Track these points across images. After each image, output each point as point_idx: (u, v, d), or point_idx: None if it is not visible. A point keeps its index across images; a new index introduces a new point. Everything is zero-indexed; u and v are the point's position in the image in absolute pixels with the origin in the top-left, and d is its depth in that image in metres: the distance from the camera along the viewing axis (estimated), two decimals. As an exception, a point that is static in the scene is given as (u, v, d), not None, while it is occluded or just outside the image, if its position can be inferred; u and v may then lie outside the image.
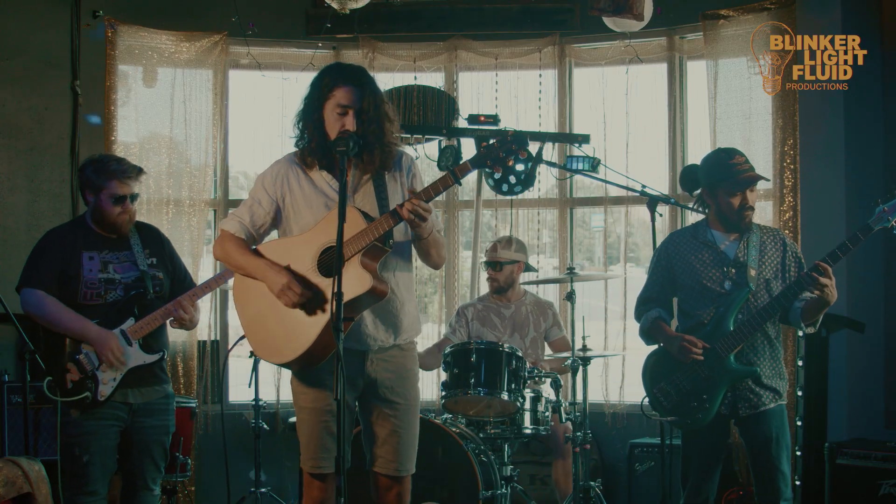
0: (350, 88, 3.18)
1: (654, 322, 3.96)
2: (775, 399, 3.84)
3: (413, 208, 3.05)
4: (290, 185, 3.30)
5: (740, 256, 3.85)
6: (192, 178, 6.05)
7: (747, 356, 3.80)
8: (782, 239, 3.94)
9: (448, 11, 6.23)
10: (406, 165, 3.37)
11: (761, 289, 3.82)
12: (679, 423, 3.88)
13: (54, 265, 3.83)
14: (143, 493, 3.95)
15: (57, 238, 3.93)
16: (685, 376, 3.84)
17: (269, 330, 3.25)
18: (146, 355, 3.86)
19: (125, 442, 3.88)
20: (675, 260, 3.96)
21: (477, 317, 5.44)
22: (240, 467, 5.71)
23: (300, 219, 3.29)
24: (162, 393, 3.96)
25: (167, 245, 4.10)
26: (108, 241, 3.93)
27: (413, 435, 3.38)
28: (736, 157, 3.87)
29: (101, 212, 3.89)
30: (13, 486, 3.60)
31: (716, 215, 3.93)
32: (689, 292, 3.92)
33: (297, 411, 3.35)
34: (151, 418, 3.92)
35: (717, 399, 3.77)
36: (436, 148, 5.97)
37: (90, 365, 3.78)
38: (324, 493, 3.29)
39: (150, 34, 6.01)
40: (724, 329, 3.77)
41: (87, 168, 3.93)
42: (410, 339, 3.41)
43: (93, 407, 3.78)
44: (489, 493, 4.52)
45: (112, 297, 3.85)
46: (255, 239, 3.35)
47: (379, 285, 3.12)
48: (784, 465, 3.80)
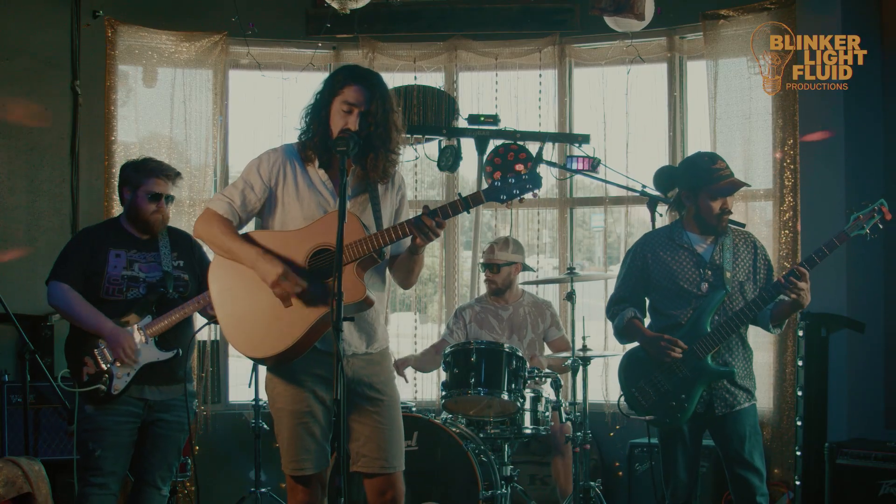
0: (359, 88, 3.17)
1: (630, 321, 4.02)
2: (748, 399, 3.93)
3: (434, 225, 3.07)
4: (286, 175, 3.26)
5: (716, 259, 3.93)
6: (192, 178, 6.05)
7: (723, 357, 3.89)
8: (753, 242, 4.03)
9: (448, 11, 6.23)
10: (399, 184, 3.40)
11: (736, 291, 3.92)
12: (657, 422, 3.95)
13: (81, 260, 3.94)
14: (150, 491, 3.97)
15: (88, 235, 4.07)
16: (664, 376, 3.90)
17: (247, 322, 3.18)
18: (160, 352, 3.90)
19: (141, 438, 3.95)
20: (650, 261, 4.01)
21: (475, 319, 5.44)
22: (240, 467, 5.71)
23: (287, 211, 3.25)
24: (180, 391, 4.01)
25: (197, 249, 4.17)
26: (138, 241, 4.03)
27: (398, 431, 3.35)
28: (718, 163, 3.96)
29: (137, 209, 4.00)
30: (13, 486, 3.61)
31: (693, 218, 3.99)
32: (664, 293, 3.97)
33: (275, 414, 3.31)
34: (168, 413, 3.98)
35: (694, 398, 3.85)
36: (436, 148, 5.97)
37: (105, 359, 3.86)
38: (308, 497, 3.26)
39: (150, 34, 6.01)
40: (700, 330, 3.85)
41: (128, 166, 4.10)
42: (381, 348, 3.40)
43: (107, 402, 3.84)
44: (489, 493, 4.52)
45: (133, 294, 3.94)
46: (241, 223, 3.29)
47: (370, 295, 3.12)
48: (758, 462, 3.88)
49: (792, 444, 5.15)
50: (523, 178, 3.09)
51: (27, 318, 5.17)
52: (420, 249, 3.21)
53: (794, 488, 4.95)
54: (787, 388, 5.39)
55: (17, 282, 5.42)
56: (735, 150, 5.61)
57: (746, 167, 5.59)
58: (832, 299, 5.04)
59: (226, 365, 6.20)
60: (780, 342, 5.40)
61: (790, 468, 5.23)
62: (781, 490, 5.26)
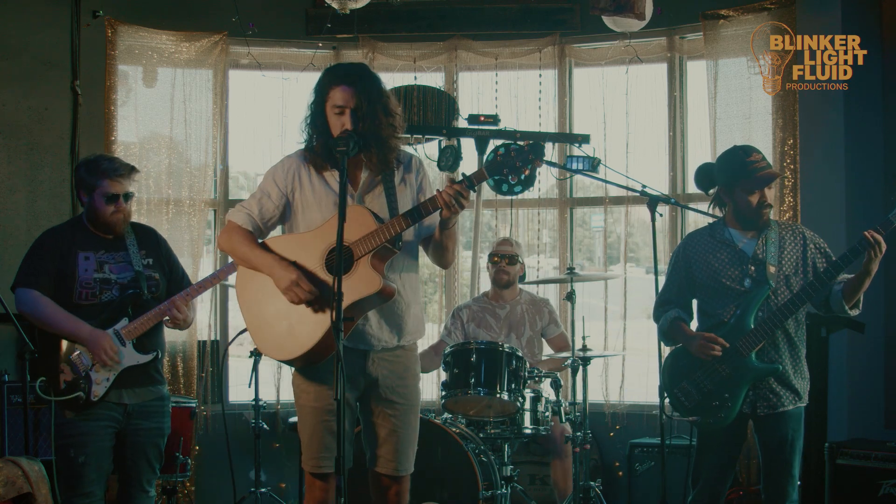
0: (343, 87, 3.21)
1: (674, 322, 3.93)
2: (794, 401, 3.80)
3: (455, 193, 3.06)
4: (301, 180, 3.31)
5: (759, 254, 3.82)
6: (192, 178, 6.05)
7: (769, 354, 3.78)
8: (801, 233, 3.89)
9: (448, 11, 6.23)
10: (416, 168, 3.40)
11: (781, 285, 3.80)
12: (701, 422, 3.85)
13: (50, 265, 3.82)
14: (139, 496, 3.93)
15: (53, 238, 3.91)
16: (706, 375, 3.82)
17: (272, 326, 3.25)
18: (139, 355, 3.84)
19: (120, 443, 3.87)
20: (693, 260, 3.93)
21: (472, 318, 5.44)
22: (240, 467, 5.71)
23: (308, 215, 3.30)
24: (157, 394, 3.94)
25: (164, 246, 4.09)
26: (104, 241, 3.92)
27: (413, 435, 3.38)
28: (753, 155, 3.83)
29: (95, 211, 3.88)
30: (13, 486, 3.60)
31: (734, 214, 3.89)
32: (709, 292, 3.89)
33: (298, 410, 3.35)
34: (147, 420, 3.89)
35: (739, 398, 3.75)
36: (436, 148, 5.97)
37: (83, 365, 3.77)
38: (325, 494, 3.30)
39: (150, 34, 6.00)
40: (744, 327, 3.75)
41: (80, 168, 3.94)
42: (414, 340, 3.42)
43: (86, 408, 3.76)
44: (489, 493, 4.52)
45: (107, 297, 3.84)
46: (262, 232, 3.35)
47: (388, 286, 3.14)
48: (795, 469, 3.79)
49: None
50: (525, 149, 3.07)
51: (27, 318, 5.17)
52: (450, 223, 3.20)
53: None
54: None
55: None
56: (735, 151, 5.60)
57: (746, 167, 5.59)
58: (832, 299, 5.03)
59: (226, 365, 6.20)
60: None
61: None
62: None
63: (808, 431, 4.80)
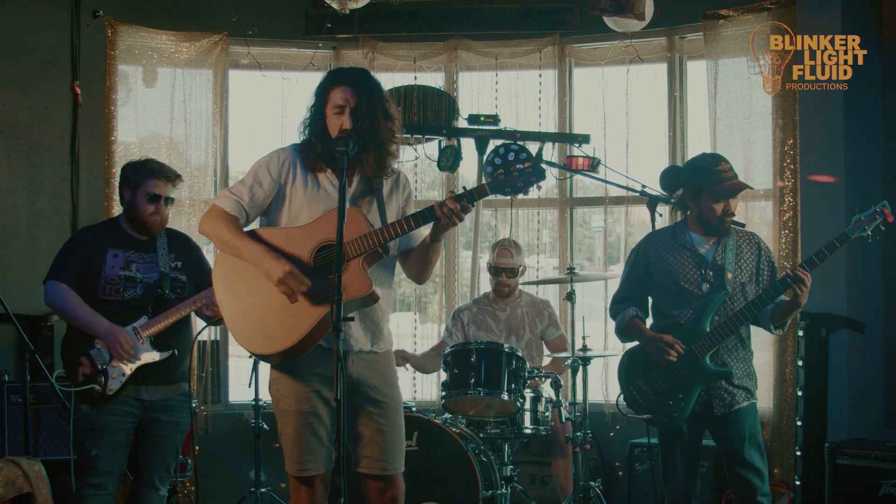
0: (344, 87, 3.22)
1: (631, 320, 4.03)
2: (748, 398, 3.92)
3: (459, 209, 3.09)
4: (296, 174, 3.29)
5: (718, 260, 3.93)
6: (192, 178, 6.05)
7: (722, 357, 3.89)
8: (757, 243, 4.03)
9: (448, 11, 6.23)
10: (403, 184, 3.42)
11: (737, 292, 3.92)
12: (655, 421, 3.96)
13: (78, 261, 3.94)
14: (149, 492, 3.98)
15: (86, 235, 4.06)
16: (662, 376, 3.92)
17: (254, 318, 3.18)
18: (156, 353, 3.91)
19: (138, 437, 3.95)
20: (653, 260, 4.02)
21: (473, 320, 5.44)
22: (240, 467, 5.71)
23: (293, 211, 3.27)
24: (177, 391, 4.02)
25: (195, 251, 4.18)
26: (136, 241, 4.03)
27: (399, 434, 3.37)
28: (722, 164, 3.95)
29: (135, 209, 3.99)
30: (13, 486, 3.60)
31: (696, 219, 4.00)
32: (666, 292, 3.99)
33: (279, 415, 3.31)
34: (165, 414, 3.98)
35: (691, 398, 3.86)
36: (436, 148, 5.97)
37: (101, 360, 3.86)
38: (312, 497, 3.27)
39: (150, 34, 6.01)
40: (700, 330, 3.86)
41: (128, 166, 4.10)
42: (387, 349, 3.41)
43: (103, 402, 3.84)
44: (489, 493, 4.52)
45: (129, 294, 3.93)
46: (247, 221, 3.30)
47: (376, 290, 3.14)
48: (758, 462, 3.87)
49: (792, 444, 5.15)
50: (528, 171, 3.11)
51: (27, 318, 5.18)
52: (440, 235, 3.22)
53: (794, 488, 4.95)
54: (787, 388, 5.39)
55: (17, 282, 5.42)
56: (735, 151, 5.60)
57: (746, 167, 5.59)
58: (832, 299, 5.04)
59: (226, 365, 6.20)
60: (780, 342, 5.40)
61: (790, 468, 5.23)
62: (781, 490, 5.27)
63: (808, 431, 4.83)
